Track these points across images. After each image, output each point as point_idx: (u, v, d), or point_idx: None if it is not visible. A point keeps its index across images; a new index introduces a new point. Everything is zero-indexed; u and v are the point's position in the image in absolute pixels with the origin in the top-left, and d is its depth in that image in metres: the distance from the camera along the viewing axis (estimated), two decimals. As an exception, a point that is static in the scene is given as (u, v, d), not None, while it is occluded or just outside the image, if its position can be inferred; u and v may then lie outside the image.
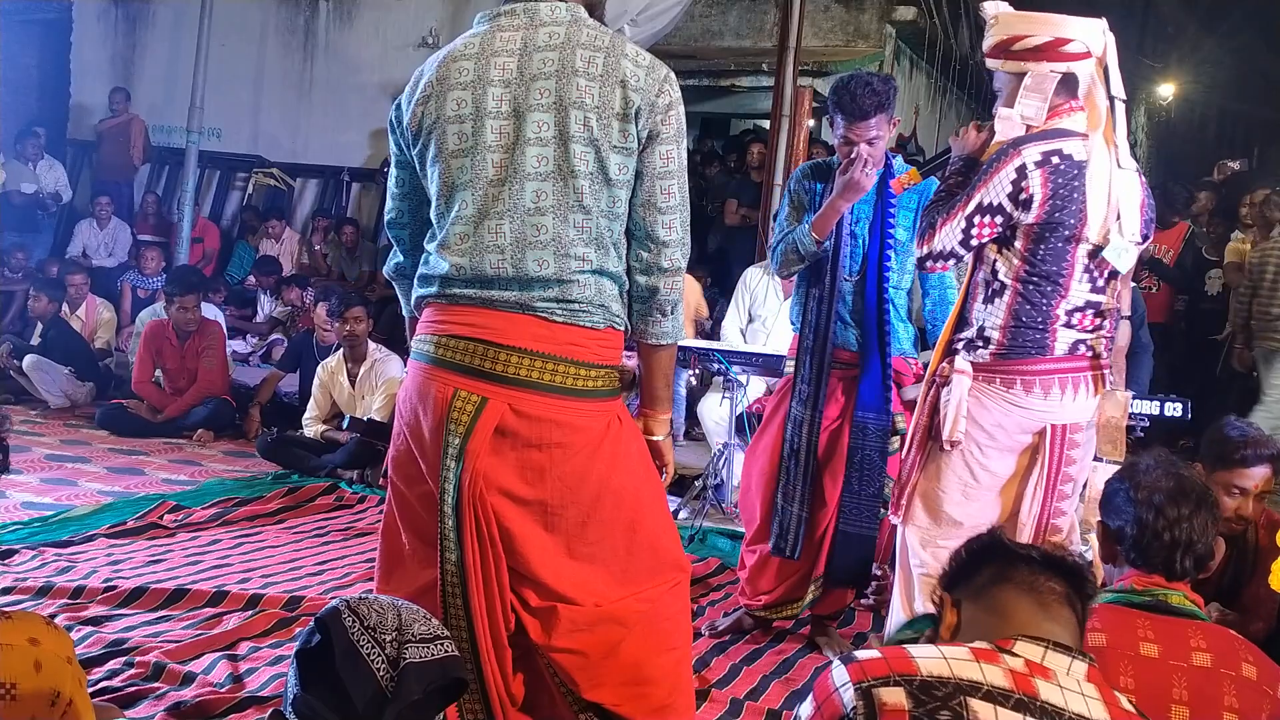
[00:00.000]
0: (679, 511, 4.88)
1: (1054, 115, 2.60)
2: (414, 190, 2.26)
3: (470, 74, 2.10)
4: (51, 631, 1.70)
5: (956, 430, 2.58)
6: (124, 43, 11.02)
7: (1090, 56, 2.61)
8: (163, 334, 6.41)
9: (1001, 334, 2.58)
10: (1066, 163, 2.52)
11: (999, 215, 2.53)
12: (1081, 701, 1.40)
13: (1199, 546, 2.00)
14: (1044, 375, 2.56)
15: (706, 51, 9.60)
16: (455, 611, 2.13)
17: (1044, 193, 2.51)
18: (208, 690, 2.89)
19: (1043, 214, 2.52)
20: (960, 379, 2.58)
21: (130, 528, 4.31)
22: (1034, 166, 2.51)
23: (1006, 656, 1.42)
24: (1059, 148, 2.53)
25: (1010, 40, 2.62)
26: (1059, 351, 2.57)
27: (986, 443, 2.61)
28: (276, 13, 10.54)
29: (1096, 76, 2.63)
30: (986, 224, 2.55)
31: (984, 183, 2.54)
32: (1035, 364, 2.56)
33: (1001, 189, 2.52)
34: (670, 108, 2.09)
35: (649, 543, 2.20)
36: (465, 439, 2.08)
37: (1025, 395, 2.57)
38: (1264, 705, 1.85)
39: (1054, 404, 2.57)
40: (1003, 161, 2.53)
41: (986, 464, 2.62)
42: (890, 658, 1.42)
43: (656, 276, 2.14)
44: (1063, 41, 2.58)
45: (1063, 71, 2.58)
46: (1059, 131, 2.56)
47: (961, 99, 12.31)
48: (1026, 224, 2.54)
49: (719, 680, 3.24)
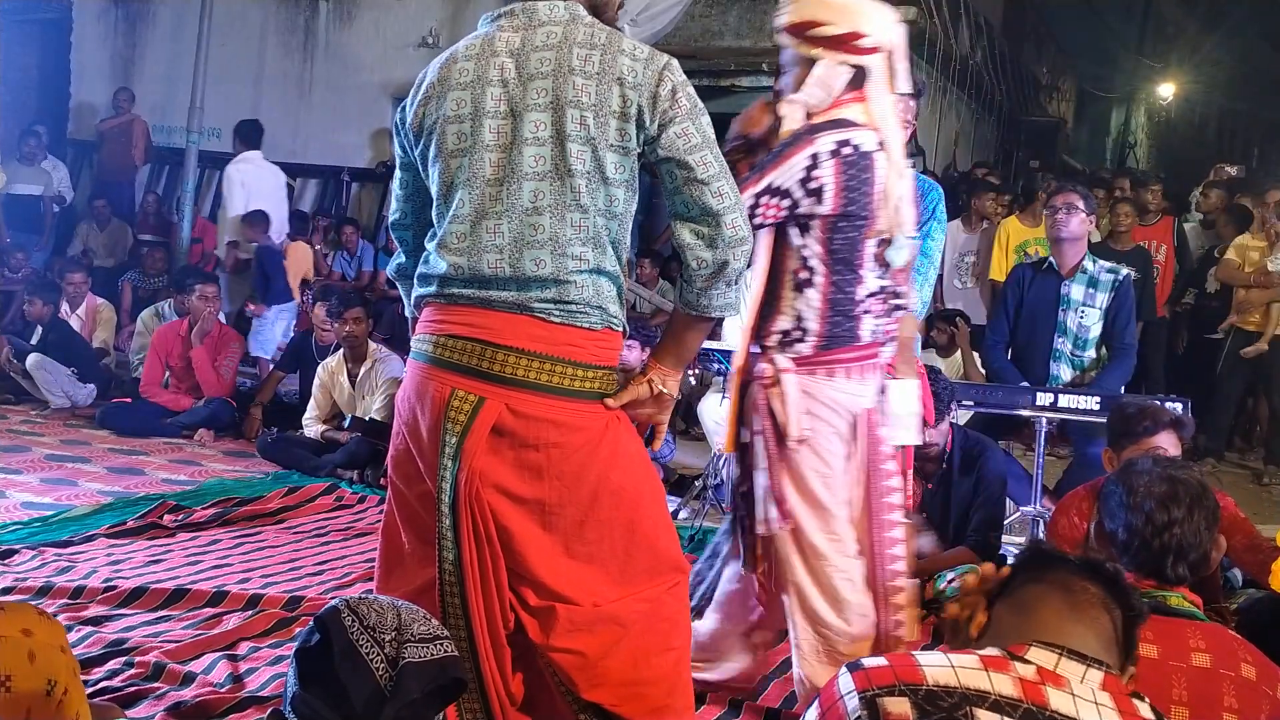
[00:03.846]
0: (679, 511, 4.88)
1: (835, 105, 2.58)
2: (417, 191, 2.27)
3: (470, 74, 2.11)
4: (44, 622, 1.70)
5: (800, 428, 2.56)
6: (124, 43, 11.02)
7: (881, 51, 2.60)
8: (173, 336, 6.47)
9: (821, 324, 2.57)
10: (857, 153, 2.51)
11: (786, 199, 2.50)
12: (1094, 711, 1.36)
13: (1192, 552, 1.98)
14: (856, 362, 2.59)
15: (706, 51, 9.59)
16: (453, 611, 2.13)
17: (836, 183, 2.50)
18: (208, 690, 2.89)
19: (838, 204, 2.51)
20: (788, 378, 2.57)
21: (130, 528, 4.31)
22: (827, 156, 2.49)
23: (1018, 664, 1.39)
24: (849, 138, 2.51)
25: (808, 24, 2.58)
26: (864, 339, 2.60)
27: (826, 430, 2.59)
28: (276, 13, 10.54)
29: (884, 70, 2.62)
30: (773, 205, 2.51)
31: (775, 165, 2.51)
32: (850, 351, 2.59)
33: (793, 174, 2.49)
34: (675, 92, 2.07)
35: (648, 543, 2.20)
36: (462, 438, 2.08)
37: (846, 382, 2.59)
38: (1263, 705, 1.85)
39: (866, 389, 2.61)
40: (796, 147, 2.51)
41: (829, 448, 2.60)
42: (896, 666, 1.39)
43: (723, 249, 2.07)
44: (859, 35, 2.56)
45: (855, 64, 2.57)
46: (849, 122, 2.55)
47: (961, 99, 12.31)
48: (823, 214, 2.52)
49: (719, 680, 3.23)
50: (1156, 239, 7.22)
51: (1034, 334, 4.68)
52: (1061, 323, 4.58)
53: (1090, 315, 4.55)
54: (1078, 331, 4.57)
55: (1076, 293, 4.56)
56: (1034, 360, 4.69)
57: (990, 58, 12.40)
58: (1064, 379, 4.61)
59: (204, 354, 6.39)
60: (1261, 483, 6.54)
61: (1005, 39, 13.28)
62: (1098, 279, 4.55)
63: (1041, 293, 4.65)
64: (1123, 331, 4.54)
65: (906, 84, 2.68)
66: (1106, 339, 4.58)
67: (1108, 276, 4.55)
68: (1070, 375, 4.61)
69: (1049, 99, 16.14)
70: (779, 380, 2.57)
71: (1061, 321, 4.58)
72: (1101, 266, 4.59)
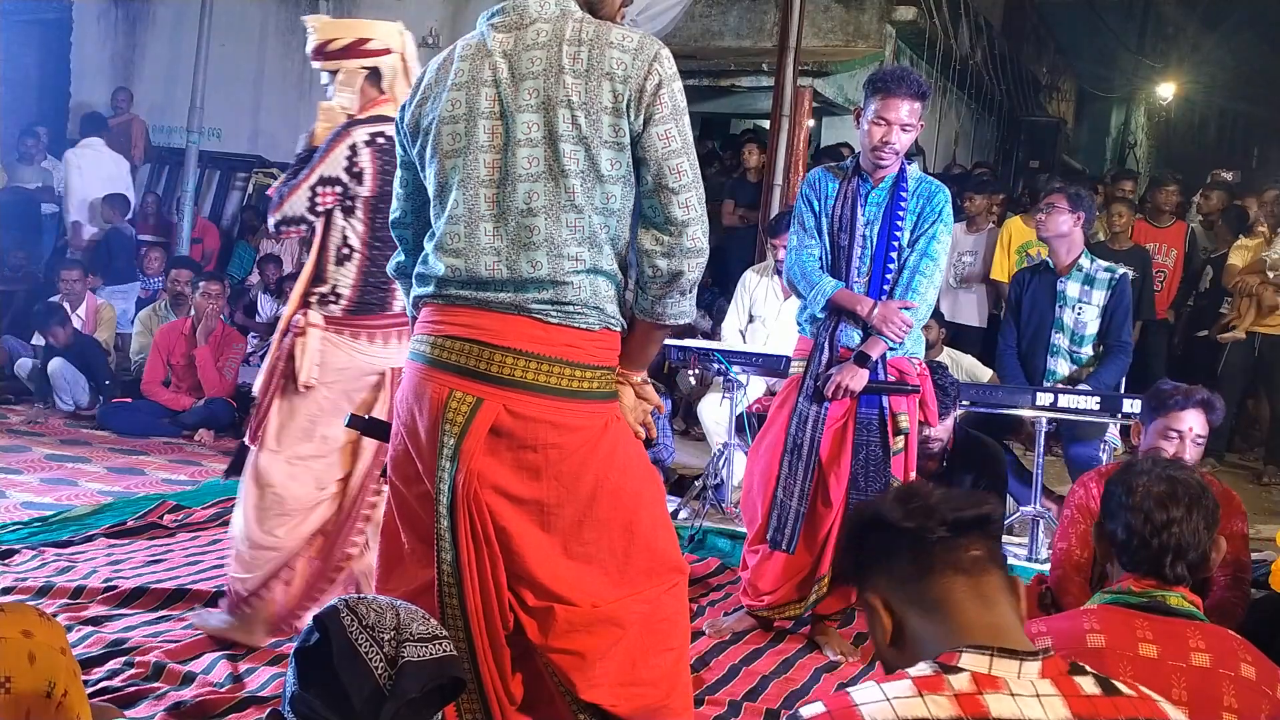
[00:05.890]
0: (679, 511, 4.88)
1: (374, 105, 3.11)
2: (416, 191, 2.27)
3: (465, 75, 2.11)
4: (44, 623, 1.70)
5: (311, 375, 3.07)
6: (124, 43, 11.02)
7: (392, 53, 3.15)
8: (176, 335, 6.48)
9: (352, 292, 3.08)
10: (390, 143, 2.98)
11: (338, 186, 3.02)
12: (1037, 705, 1.32)
13: (1191, 552, 1.98)
14: (385, 329, 3.12)
15: (706, 51, 9.59)
16: (451, 611, 2.13)
17: (373, 168, 3.02)
18: (208, 690, 2.89)
19: (375, 187, 3.02)
20: (314, 331, 3.07)
21: (130, 528, 4.31)
22: (364, 145, 3.02)
23: (951, 677, 1.34)
24: (382, 130, 3.03)
25: (323, 44, 3.15)
26: (396, 309, 3.09)
27: (332, 381, 3.11)
28: (276, 13, 10.54)
29: (400, 70, 3.15)
30: (328, 193, 3.02)
31: (323, 159, 3.02)
32: (378, 319, 3.11)
33: (338, 164, 3.01)
34: (660, 87, 2.04)
35: (646, 544, 2.20)
36: (460, 439, 2.08)
37: (369, 345, 3.11)
38: (1263, 705, 1.85)
39: (391, 351, 3.11)
40: (337, 140, 3.03)
41: (331, 399, 3.11)
42: (835, 711, 1.34)
43: (679, 259, 2.08)
44: (364, 41, 3.13)
45: (369, 67, 3.12)
46: (381, 117, 3.06)
47: (961, 99, 12.32)
48: (364, 196, 3.03)
49: (718, 680, 3.24)
50: (1167, 243, 7.22)
51: (1033, 330, 4.76)
52: (1059, 319, 4.67)
53: (1087, 312, 4.61)
54: (1075, 328, 4.64)
55: (1072, 290, 4.63)
56: (1033, 356, 4.78)
57: (990, 58, 12.40)
58: (1060, 374, 4.69)
59: (208, 353, 6.39)
60: (1261, 483, 6.55)
61: (1005, 39, 13.28)
62: (1094, 277, 4.62)
63: (1040, 290, 4.75)
64: (1119, 329, 4.61)
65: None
66: (1103, 337, 4.64)
67: (1104, 275, 4.62)
68: (1067, 371, 4.68)
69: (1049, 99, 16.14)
70: (306, 332, 3.07)
71: (1059, 318, 4.67)
72: (1099, 265, 4.66)
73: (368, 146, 3.01)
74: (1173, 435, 3.09)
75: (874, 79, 3.39)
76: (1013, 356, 4.86)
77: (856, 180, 3.44)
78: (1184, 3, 18.68)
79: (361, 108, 3.12)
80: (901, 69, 3.44)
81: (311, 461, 3.15)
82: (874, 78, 3.40)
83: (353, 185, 3.02)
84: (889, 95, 3.30)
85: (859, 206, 3.41)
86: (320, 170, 3.01)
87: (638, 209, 2.12)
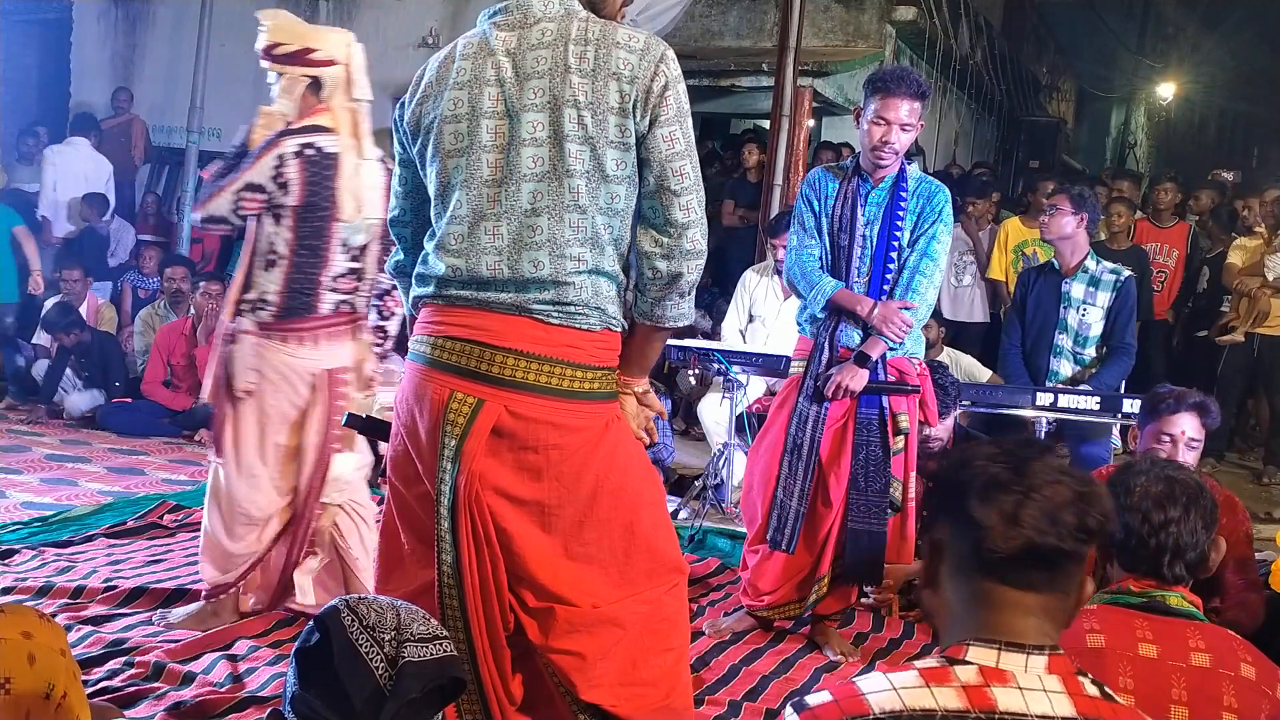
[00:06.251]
0: (679, 511, 4.88)
1: (312, 113, 3.18)
2: (416, 189, 2.26)
3: (467, 74, 2.10)
4: (44, 624, 1.70)
5: (247, 380, 3.16)
6: (124, 43, 11.01)
7: (336, 64, 3.21)
8: (176, 335, 6.48)
9: (279, 298, 3.16)
10: (319, 154, 3.11)
11: (261, 193, 3.09)
12: (1044, 699, 1.33)
13: (1189, 552, 1.98)
14: (313, 331, 3.19)
15: (706, 51, 9.58)
16: (451, 612, 2.13)
17: (300, 179, 3.09)
18: (208, 690, 2.89)
19: (302, 197, 3.10)
20: (245, 339, 3.16)
21: (130, 528, 4.31)
22: (292, 156, 3.09)
23: (958, 669, 1.34)
24: (312, 141, 3.12)
25: (271, 46, 3.20)
26: (324, 311, 3.19)
27: (271, 388, 3.19)
28: (276, 13, 10.53)
29: (342, 82, 3.22)
30: (252, 199, 3.10)
31: (252, 165, 3.10)
32: (306, 323, 3.18)
33: (265, 172, 3.08)
34: (666, 89, 2.04)
35: (647, 544, 2.20)
36: (461, 441, 2.08)
37: (299, 348, 3.19)
38: (1262, 705, 1.85)
39: (322, 353, 3.20)
40: (266, 150, 3.10)
41: (275, 404, 3.20)
42: (841, 700, 1.35)
43: (679, 261, 2.08)
44: (309, 50, 3.19)
45: (312, 76, 3.18)
46: (314, 128, 3.14)
47: (961, 99, 12.31)
48: (291, 205, 3.10)
49: (718, 680, 3.24)
50: (1169, 243, 7.22)
51: (1038, 331, 4.75)
52: (1063, 320, 4.66)
53: (1092, 313, 4.61)
54: (1079, 329, 4.64)
55: (1077, 291, 4.62)
56: (1037, 355, 4.77)
57: (990, 58, 12.39)
58: (1063, 375, 4.68)
59: (208, 353, 6.39)
60: (1261, 483, 6.55)
61: (1005, 39, 13.27)
62: (1099, 278, 4.61)
63: (1045, 290, 4.74)
64: (1123, 331, 4.61)
65: (368, 92, 3.26)
66: (1107, 338, 4.64)
67: (1109, 277, 4.61)
68: (1070, 371, 4.68)
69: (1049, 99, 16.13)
70: (238, 339, 3.17)
71: (1063, 319, 4.66)
72: (1104, 267, 4.65)
73: (296, 158, 3.09)
74: (1165, 439, 3.10)
75: (873, 79, 3.39)
76: (1017, 356, 4.86)
77: (856, 180, 3.44)
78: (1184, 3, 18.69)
79: (299, 116, 3.18)
80: (901, 69, 3.45)
81: (270, 469, 3.27)
82: (873, 77, 3.41)
83: (278, 194, 3.10)
84: (888, 95, 3.30)
85: (859, 206, 3.41)
86: (247, 176, 3.09)
87: (637, 210, 2.12)
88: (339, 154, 3.14)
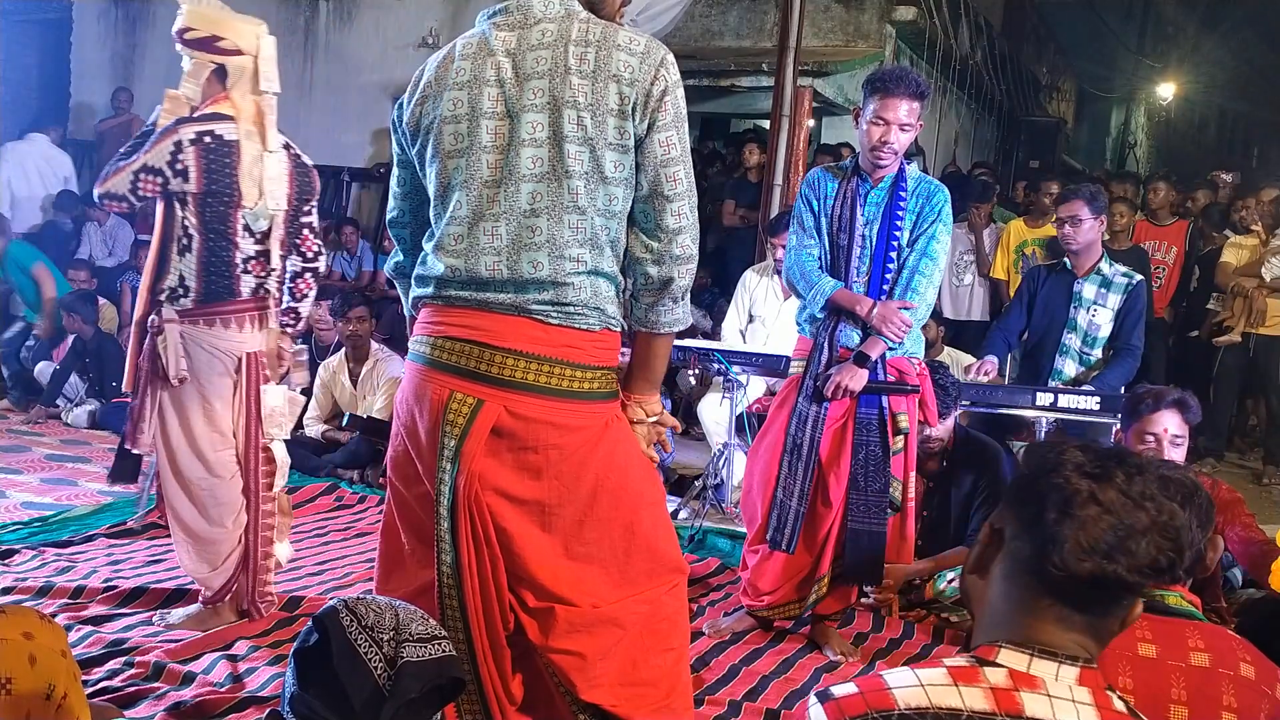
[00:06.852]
0: (679, 511, 4.88)
1: (215, 101, 3.22)
2: (415, 190, 2.26)
3: (467, 74, 2.10)
4: (45, 625, 1.70)
5: (181, 368, 3.20)
6: (124, 43, 11.02)
7: (243, 54, 3.24)
8: None
9: (198, 282, 3.20)
10: (218, 142, 3.16)
11: (159, 177, 3.14)
12: (1072, 710, 1.31)
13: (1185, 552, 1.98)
14: (236, 314, 3.25)
15: (706, 51, 9.59)
16: (451, 612, 2.13)
17: (198, 165, 3.13)
18: (208, 690, 2.89)
19: (202, 184, 3.14)
20: (171, 327, 3.19)
21: (130, 528, 4.31)
22: (189, 143, 3.13)
23: (988, 670, 1.33)
24: (212, 129, 3.16)
25: (184, 29, 3.23)
26: (244, 294, 3.26)
27: (206, 369, 3.24)
28: (276, 13, 10.52)
29: (248, 73, 3.24)
30: (150, 182, 3.14)
31: (150, 149, 3.14)
32: (228, 305, 3.24)
33: (162, 157, 3.13)
34: (665, 93, 2.04)
35: (647, 544, 2.20)
36: (461, 441, 2.08)
37: (225, 331, 3.24)
38: (1262, 705, 1.85)
39: (247, 336, 3.28)
40: (165, 135, 3.14)
41: (214, 386, 3.26)
42: (867, 692, 1.34)
43: (670, 265, 2.09)
44: (217, 39, 3.21)
45: (217, 63, 3.22)
46: (214, 115, 3.18)
47: (961, 99, 12.31)
48: (191, 191, 3.15)
49: (718, 680, 3.24)
50: (1168, 241, 7.22)
51: (1045, 329, 4.75)
52: (1072, 319, 4.64)
53: (1101, 315, 4.60)
54: (1088, 329, 4.63)
55: (1089, 291, 4.60)
56: (1043, 355, 4.76)
57: (990, 58, 12.39)
58: (1068, 375, 4.67)
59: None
60: (1261, 483, 6.55)
61: (1005, 39, 13.27)
62: (1111, 280, 4.60)
63: (1055, 289, 4.72)
64: (1130, 333, 4.60)
65: (275, 84, 3.29)
66: (1113, 340, 4.63)
67: (1121, 280, 4.59)
68: (1074, 371, 4.66)
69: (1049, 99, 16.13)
70: (164, 329, 3.18)
71: (1072, 318, 4.64)
72: (1117, 269, 4.63)
73: (193, 145, 3.13)
74: (1149, 438, 3.11)
75: (873, 79, 3.39)
76: (1001, 336, 4.84)
77: (856, 180, 3.44)
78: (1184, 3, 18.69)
79: (202, 102, 3.23)
80: (900, 69, 3.44)
81: (223, 452, 3.32)
82: (873, 77, 3.41)
83: (176, 181, 3.14)
84: (888, 95, 3.30)
85: (858, 206, 3.41)
86: (145, 159, 3.14)
87: (630, 214, 2.12)
88: (238, 141, 3.18)
